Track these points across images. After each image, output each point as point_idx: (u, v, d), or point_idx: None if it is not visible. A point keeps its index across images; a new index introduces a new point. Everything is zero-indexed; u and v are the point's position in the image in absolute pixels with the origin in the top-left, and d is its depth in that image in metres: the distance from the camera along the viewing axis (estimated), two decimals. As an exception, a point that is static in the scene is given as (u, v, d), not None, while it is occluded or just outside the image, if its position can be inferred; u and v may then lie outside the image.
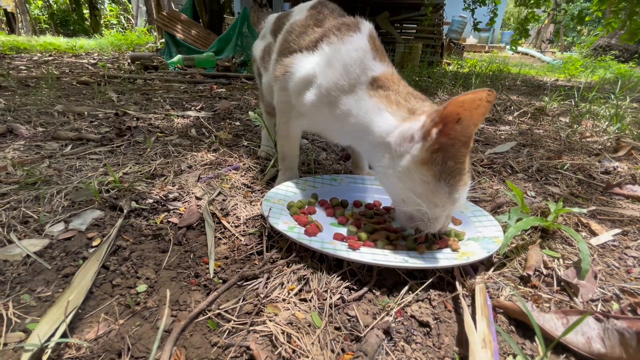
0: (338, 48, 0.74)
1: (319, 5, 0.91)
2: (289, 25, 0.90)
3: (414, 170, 0.59)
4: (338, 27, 0.77)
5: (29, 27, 9.80)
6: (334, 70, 0.72)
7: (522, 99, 2.63)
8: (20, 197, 0.82)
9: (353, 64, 0.71)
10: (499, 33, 13.01)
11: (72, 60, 3.97)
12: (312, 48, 0.79)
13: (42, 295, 0.55)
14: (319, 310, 0.54)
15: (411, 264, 0.58)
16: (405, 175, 0.60)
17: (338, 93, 0.72)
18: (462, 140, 0.57)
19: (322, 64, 0.75)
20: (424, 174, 0.58)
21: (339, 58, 0.73)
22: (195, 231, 0.76)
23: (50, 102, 1.79)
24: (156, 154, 1.18)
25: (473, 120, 0.55)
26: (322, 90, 0.73)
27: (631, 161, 1.31)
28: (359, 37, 0.74)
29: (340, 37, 0.75)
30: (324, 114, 0.75)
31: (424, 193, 0.60)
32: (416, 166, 0.59)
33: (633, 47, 7.03)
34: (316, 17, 0.87)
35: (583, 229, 0.84)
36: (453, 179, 0.59)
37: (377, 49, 0.74)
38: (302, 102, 0.77)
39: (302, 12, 0.92)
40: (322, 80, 0.73)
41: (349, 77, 0.71)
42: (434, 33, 5.08)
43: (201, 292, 0.58)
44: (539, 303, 0.58)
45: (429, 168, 0.58)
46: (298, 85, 0.78)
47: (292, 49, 0.84)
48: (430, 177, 0.58)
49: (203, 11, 4.74)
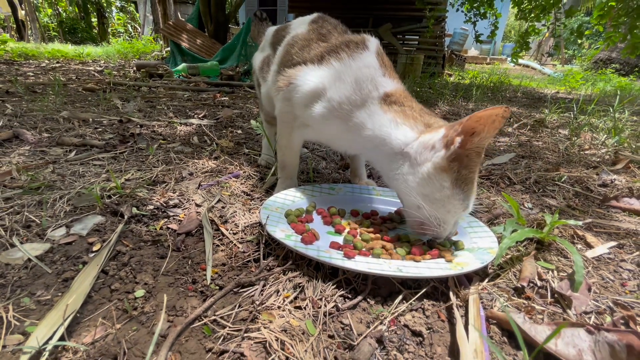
0: (349, 64, 0.77)
1: (320, 20, 0.94)
2: (291, 38, 0.93)
3: (434, 176, 0.65)
4: (346, 44, 0.80)
5: (38, 34, 9.99)
6: (346, 85, 0.76)
7: (522, 111, 2.65)
8: (23, 201, 0.84)
9: (365, 80, 0.75)
10: (500, 45, 13.15)
11: (79, 67, 4.05)
12: (318, 61, 0.82)
13: (42, 298, 0.56)
14: (313, 318, 0.55)
15: (405, 274, 0.59)
16: (425, 181, 0.66)
17: (350, 107, 0.76)
18: (475, 151, 0.63)
19: (331, 79, 0.78)
20: (444, 180, 0.64)
21: (350, 74, 0.76)
22: (194, 238, 0.77)
23: (56, 108, 1.82)
24: (158, 160, 1.20)
25: (488, 133, 0.60)
26: (334, 104, 0.76)
27: (629, 174, 1.32)
28: (368, 54, 0.78)
29: (350, 54, 0.78)
30: (335, 126, 0.79)
31: (440, 198, 0.65)
32: (437, 172, 0.64)
33: (634, 61, 7.09)
34: (319, 32, 0.89)
35: (579, 241, 0.84)
36: (466, 187, 0.65)
37: (386, 66, 0.79)
38: (310, 114, 0.80)
39: (303, 26, 0.94)
40: (334, 95, 0.76)
41: (361, 92, 0.75)
42: (436, 45, 5.15)
43: (198, 298, 0.59)
44: (532, 314, 0.58)
45: (448, 175, 0.64)
46: (305, 98, 0.80)
47: (295, 61, 0.86)
48: (449, 183, 0.64)
49: (208, 21, 4.83)
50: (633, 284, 0.69)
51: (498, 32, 4.02)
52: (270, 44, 1.07)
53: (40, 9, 13.44)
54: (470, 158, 0.63)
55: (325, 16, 0.96)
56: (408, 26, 5.08)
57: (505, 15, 10.88)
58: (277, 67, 0.93)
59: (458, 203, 0.65)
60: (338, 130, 0.79)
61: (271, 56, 1.04)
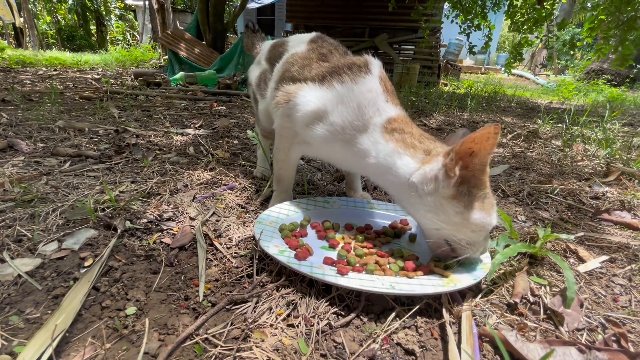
0: (351, 88, 0.77)
1: (319, 40, 0.95)
2: (290, 57, 0.93)
3: (446, 205, 0.65)
4: (349, 67, 0.80)
5: (36, 41, 10.02)
6: (349, 109, 0.76)
7: (517, 121, 2.69)
8: (15, 214, 0.83)
9: (367, 105, 0.75)
10: (495, 55, 13.37)
11: (76, 75, 4.06)
12: (319, 81, 0.81)
13: (31, 316, 0.56)
14: (306, 337, 0.55)
15: (398, 291, 0.59)
16: (438, 210, 0.66)
17: (354, 132, 0.76)
18: (479, 169, 0.64)
19: (334, 102, 0.78)
20: (457, 206, 0.65)
21: (353, 98, 0.76)
22: (188, 252, 0.77)
23: (52, 117, 1.82)
24: (153, 172, 1.20)
25: (486, 151, 0.62)
26: (337, 128, 0.77)
27: (620, 186, 1.33)
28: (371, 79, 0.78)
29: (353, 78, 0.78)
30: (338, 148, 0.79)
31: (460, 222, 0.65)
32: (447, 202, 0.65)
33: (625, 72, 7.23)
34: (319, 52, 0.90)
35: (571, 255, 0.85)
36: (482, 204, 0.65)
37: (389, 91, 0.79)
38: (311, 134, 0.80)
39: (302, 45, 0.95)
40: (336, 119, 0.76)
41: (363, 117, 0.75)
42: (431, 55, 5.23)
43: (190, 316, 0.58)
44: (524, 332, 0.58)
45: (459, 201, 0.64)
46: (307, 118, 0.80)
47: (295, 78, 0.86)
48: (462, 208, 0.64)
49: (207, 30, 4.88)
50: (625, 299, 0.69)
51: (492, 43, 4.09)
52: (267, 59, 1.08)
53: (39, 16, 13.50)
54: (477, 177, 0.65)
55: (324, 36, 0.97)
56: (404, 36, 5.17)
57: (499, 27, 11.08)
58: (276, 84, 0.93)
59: (480, 221, 0.64)
60: (342, 153, 0.80)
61: (268, 72, 1.04)
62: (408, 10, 4.41)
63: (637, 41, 2.95)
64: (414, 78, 4.53)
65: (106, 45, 12.11)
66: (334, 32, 5.46)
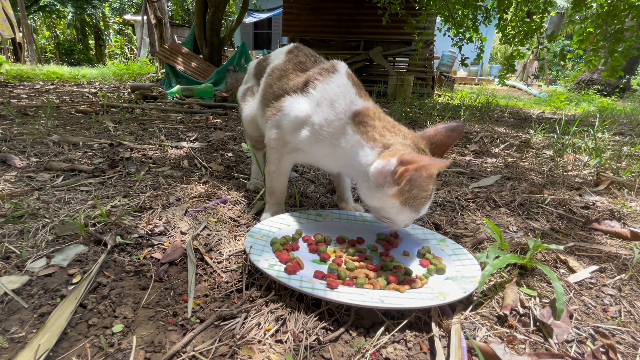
0: (323, 89, 0.85)
1: (295, 50, 1.01)
2: (271, 69, 1.00)
3: (386, 199, 0.75)
4: (320, 72, 0.88)
5: (35, 56, 10.10)
6: (325, 107, 0.83)
7: (509, 131, 2.72)
8: (5, 231, 0.83)
9: (338, 99, 0.83)
10: (488, 66, 13.62)
11: (73, 89, 4.08)
12: (300, 91, 0.88)
13: (16, 335, 0.55)
14: (294, 353, 0.54)
15: (387, 305, 0.59)
16: (380, 200, 0.77)
17: (330, 128, 0.82)
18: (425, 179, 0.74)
19: (313, 105, 0.85)
20: (394, 202, 0.75)
21: (326, 96, 0.84)
22: (178, 267, 0.76)
23: (47, 131, 1.83)
24: (146, 186, 1.20)
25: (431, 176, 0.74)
26: (316, 127, 0.83)
27: (610, 195, 1.35)
28: (339, 76, 0.87)
29: (323, 80, 0.86)
30: (318, 147, 0.85)
31: (394, 212, 0.77)
32: (388, 198, 0.75)
33: (614, 82, 7.37)
34: (295, 61, 0.96)
35: (561, 266, 0.85)
36: (415, 202, 0.75)
37: (356, 85, 0.86)
38: (299, 138, 0.86)
39: (280, 57, 1.01)
40: (316, 119, 0.84)
41: (335, 111, 0.82)
42: (425, 67, 5.33)
43: (177, 332, 0.58)
44: (514, 344, 0.58)
45: (397, 198, 0.74)
46: (293, 124, 0.86)
47: (277, 93, 0.93)
48: (399, 204, 0.75)
49: (203, 45, 4.95)
50: (614, 310, 0.70)
51: (484, 55, 4.17)
52: (253, 75, 1.16)
53: (39, 31, 13.66)
54: (422, 179, 0.73)
55: (300, 45, 1.03)
56: (398, 49, 5.26)
57: (490, 39, 11.33)
58: (261, 97, 1.00)
59: (409, 214, 0.76)
60: (321, 150, 0.86)
61: (254, 86, 1.12)
62: (401, 23, 4.50)
63: (625, 52, 3.02)
64: (408, 89, 4.60)
65: (104, 59, 12.23)
66: (329, 45, 5.57)
